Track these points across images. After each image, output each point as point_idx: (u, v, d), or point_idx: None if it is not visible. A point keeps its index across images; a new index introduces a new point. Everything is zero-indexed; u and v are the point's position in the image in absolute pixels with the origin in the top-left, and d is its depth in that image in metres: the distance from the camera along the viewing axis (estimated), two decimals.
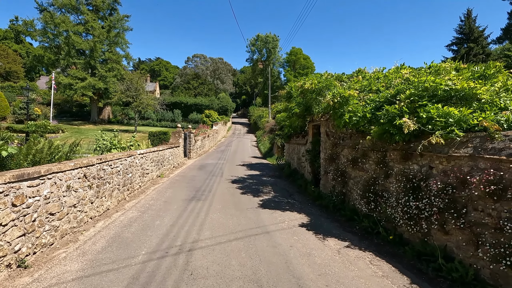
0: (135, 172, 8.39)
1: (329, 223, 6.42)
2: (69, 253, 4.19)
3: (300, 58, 67.49)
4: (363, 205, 6.17)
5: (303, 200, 8.57)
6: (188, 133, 18.67)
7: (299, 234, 5.51)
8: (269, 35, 68.62)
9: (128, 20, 39.67)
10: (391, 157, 5.63)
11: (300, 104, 9.42)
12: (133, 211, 6.53)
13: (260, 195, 9.02)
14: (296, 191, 10.02)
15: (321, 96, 8.25)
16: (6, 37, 73.23)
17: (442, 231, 4.31)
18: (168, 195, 8.37)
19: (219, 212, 6.78)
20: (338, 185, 7.59)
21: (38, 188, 4.06)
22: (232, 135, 42.39)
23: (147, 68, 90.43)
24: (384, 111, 5.42)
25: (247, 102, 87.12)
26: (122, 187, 7.33)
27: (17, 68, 61.83)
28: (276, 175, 13.58)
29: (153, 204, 7.24)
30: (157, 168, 10.92)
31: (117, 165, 7.02)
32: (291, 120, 11.49)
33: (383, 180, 5.75)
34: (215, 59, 75.59)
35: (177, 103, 48.87)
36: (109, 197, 6.52)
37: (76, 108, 45.02)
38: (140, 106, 31.22)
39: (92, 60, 36.31)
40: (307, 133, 11.16)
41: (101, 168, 6.08)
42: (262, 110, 52.38)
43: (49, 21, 33.09)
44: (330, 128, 8.41)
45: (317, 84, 8.02)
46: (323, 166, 8.73)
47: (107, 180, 6.42)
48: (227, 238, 4.99)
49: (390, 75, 7.51)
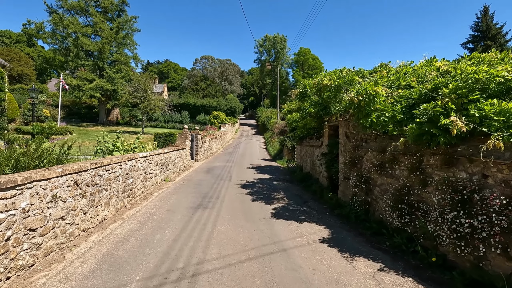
0: (137, 177, 7.74)
1: (353, 237, 5.60)
2: (50, 278, 3.51)
3: (309, 59, 66.57)
4: (395, 218, 5.33)
5: (319, 209, 7.76)
6: (195, 134, 18.05)
7: (321, 252, 4.72)
8: (277, 35, 67.97)
9: (136, 21, 39.58)
10: (429, 163, 4.79)
11: (316, 104, 8.62)
12: (132, 221, 5.84)
13: (272, 202, 8.25)
14: (310, 197, 9.21)
15: (341, 93, 7.45)
16: (19, 41, 74.67)
17: (505, 256, 3.47)
18: (172, 202, 7.68)
19: (228, 223, 6.03)
20: (361, 193, 6.76)
21: (14, 200, 3.40)
22: (240, 137, 41.75)
23: (156, 70, 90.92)
24: (422, 109, 4.59)
25: (255, 104, 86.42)
26: (121, 193, 6.67)
27: (29, 71, 62.65)
28: (288, 179, 12.78)
29: (155, 213, 6.55)
30: (161, 172, 10.27)
31: (116, 170, 6.36)
32: (304, 121, 10.70)
33: (420, 190, 4.91)
34: (223, 60, 75.28)
35: (184, 104, 48.55)
36: (106, 205, 5.86)
37: (85, 110, 45.13)
38: (147, 108, 30.87)
39: (100, 61, 36.26)
40: (322, 135, 10.35)
41: (96, 174, 5.42)
42: (270, 111, 51.62)
43: (58, 23, 33.16)
44: (350, 129, 7.59)
45: (337, 80, 7.23)
46: (342, 171, 7.90)
47: (104, 187, 5.76)
48: (237, 259, 4.24)
49: (420, 69, 6.66)
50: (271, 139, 30.17)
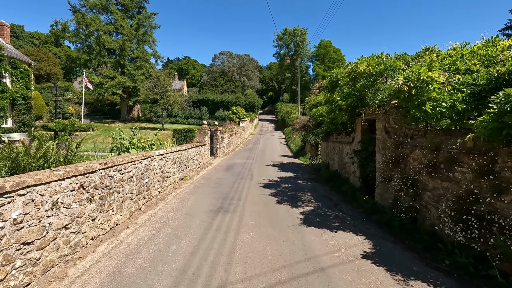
0: (153, 176, 7.19)
1: (401, 252, 4.69)
2: None
3: (330, 51, 64.32)
4: (458, 231, 4.35)
5: (354, 214, 6.85)
6: (215, 130, 17.49)
7: (367, 273, 3.87)
8: (297, 28, 66.11)
9: (155, 17, 39.69)
10: (506, 165, 3.78)
11: (349, 95, 7.66)
12: (146, 227, 5.26)
13: (299, 204, 7.44)
14: (341, 199, 8.30)
15: (379, 82, 6.47)
16: (47, 41, 77.86)
17: None
18: (190, 204, 7.08)
19: (252, 231, 5.30)
20: (406, 197, 5.78)
21: (1, 210, 2.84)
22: (260, 132, 41.01)
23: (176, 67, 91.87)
24: (502, 96, 3.58)
25: (273, 99, 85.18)
26: (136, 195, 6.13)
27: (56, 70, 65.20)
28: (313, 178, 11.88)
29: (172, 217, 5.95)
30: (180, 170, 9.74)
31: (129, 170, 5.81)
32: (333, 115, 9.73)
33: (493, 198, 3.92)
34: (242, 55, 74.54)
35: (204, 100, 48.42)
36: (118, 209, 5.32)
37: (108, 107, 46.20)
38: (167, 104, 30.81)
39: (121, 59, 36.72)
40: (353, 130, 9.35)
41: (106, 175, 4.87)
42: (290, 106, 50.41)
43: (81, 21, 33.79)
44: (391, 124, 6.58)
45: (376, 67, 6.25)
46: (380, 171, 6.93)
47: (116, 189, 5.21)
48: (267, 282, 3.49)
49: (480, 51, 5.55)
50: (291, 135, 29.18)
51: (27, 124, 22.29)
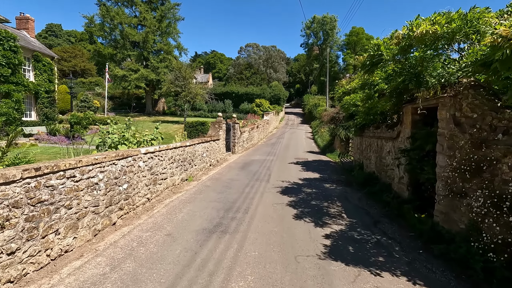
0: (137, 180, 5.71)
1: None
2: None
3: (362, 39, 59.88)
4: None
5: (403, 239, 4.85)
6: (232, 123, 15.90)
7: None
8: (327, 15, 62.33)
9: (178, 8, 38.95)
10: None
11: (398, 74, 5.56)
12: (102, 259, 3.72)
13: (325, 221, 5.58)
14: (382, 213, 6.29)
15: (448, 52, 4.33)
16: (82, 39, 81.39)
17: None
18: (181, 217, 5.49)
19: (252, 272, 3.55)
20: (498, 226, 3.67)
21: None
22: (285, 126, 38.94)
23: (203, 61, 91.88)
24: None
25: (301, 91, 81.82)
26: (105, 207, 4.66)
27: (90, 66, 67.82)
28: (343, 181, 9.84)
29: (146, 240, 4.38)
30: (182, 170, 8.24)
31: (92, 175, 4.32)
32: (371, 103, 7.63)
33: None
34: (268, 47, 72.02)
35: (227, 93, 47.12)
36: (69, 231, 3.85)
37: (134, 101, 46.75)
38: (188, 96, 29.82)
39: (145, 51, 36.45)
40: (399, 121, 7.17)
41: (42, 185, 3.39)
42: (318, 98, 47.46)
43: (106, 14, 33.85)
44: (464, 112, 4.42)
45: (445, 25, 4.14)
46: (445, 180, 4.79)
47: (63, 203, 3.74)
48: None
49: None
50: (319, 129, 26.86)
51: (50, 118, 22.38)
